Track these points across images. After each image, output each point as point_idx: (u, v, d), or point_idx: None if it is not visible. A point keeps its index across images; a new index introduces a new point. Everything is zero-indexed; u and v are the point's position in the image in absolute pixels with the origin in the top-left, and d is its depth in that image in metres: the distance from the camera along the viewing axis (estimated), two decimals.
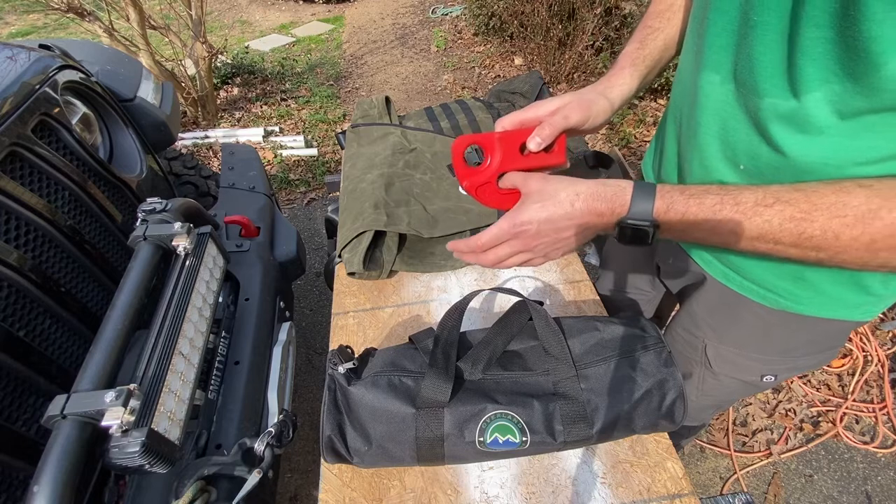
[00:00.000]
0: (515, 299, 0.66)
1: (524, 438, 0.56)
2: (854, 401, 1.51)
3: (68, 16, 2.40)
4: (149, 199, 0.85)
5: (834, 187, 0.40)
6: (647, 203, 0.45)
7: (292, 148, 2.83)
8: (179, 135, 2.35)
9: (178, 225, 0.82)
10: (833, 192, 0.39)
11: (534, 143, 0.53)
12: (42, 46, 1.14)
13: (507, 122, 0.55)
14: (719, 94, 0.51)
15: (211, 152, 2.76)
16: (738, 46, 0.47)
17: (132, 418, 0.59)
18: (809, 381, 1.58)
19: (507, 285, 0.84)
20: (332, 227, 1.06)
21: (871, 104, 0.38)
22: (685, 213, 0.45)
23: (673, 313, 0.80)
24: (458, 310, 0.63)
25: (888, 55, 0.34)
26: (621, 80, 0.61)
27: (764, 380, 0.69)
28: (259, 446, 0.72)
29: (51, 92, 0.98)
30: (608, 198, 0.47)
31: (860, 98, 0.38)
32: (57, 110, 0.97)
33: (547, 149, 0.54)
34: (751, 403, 1.53)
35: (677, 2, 0.63)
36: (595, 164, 1.00)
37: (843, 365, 1.59)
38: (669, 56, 0.65)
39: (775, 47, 0.43)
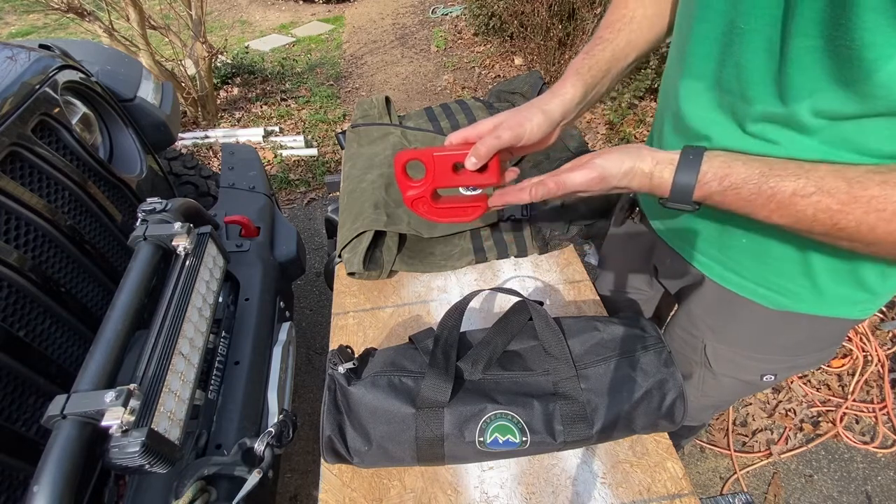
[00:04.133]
0: (515, 299, 0.66)
1: (524, 438, 0.56)
2: (854, 401, 1.51)
3: (68, 16, 2.40)
4: (149, 199, 0.85)
5: (880, 178, 0.38)
6: (685, 194, 0.48)
7: (292, 148, 2.83)
8: (179, 135, 2.35)
9: (178, 225, 0.82)
10: (878, 184, 0.38)
11: (470, 163, 0.52)
12: (42, 46, 1.14)
13: (454, 138, 0.55)
14: (703, 101, 0.51)
15: (211, 152, 2.76)
16: (722, 55, 0.48)
17: (132, 418, 0.59)
18: (809, 381, 1.58)
19: (507, 285, 0.84)
20: (332, 227, 1.06)
21: (862, 109, 0.39)
22: (722, 202, 0.47)
23: (672, 313, 0.80)
24: (458, 310, 0.63)
25: (881, 61, 0.35)
26: (563, 91, 0.59)
27: (763, 379, 0.69)
28: (259, 446, 0.72)
29: (51, 92, 0.98)
30: (652, 186, 0.51)
31: (851, 104, 0.39)
32: (57, 110, 0.97)
33: (481, 169, 0.54)
34: (751, 403, 1.53)
35: (628, 14, 0.62)
36: None
37: (843, 365, 1.59)
38: (621, 67, 0.63)
39: (764, 55, 0.43)
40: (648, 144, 0.72)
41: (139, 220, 0.83)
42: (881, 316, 1.68)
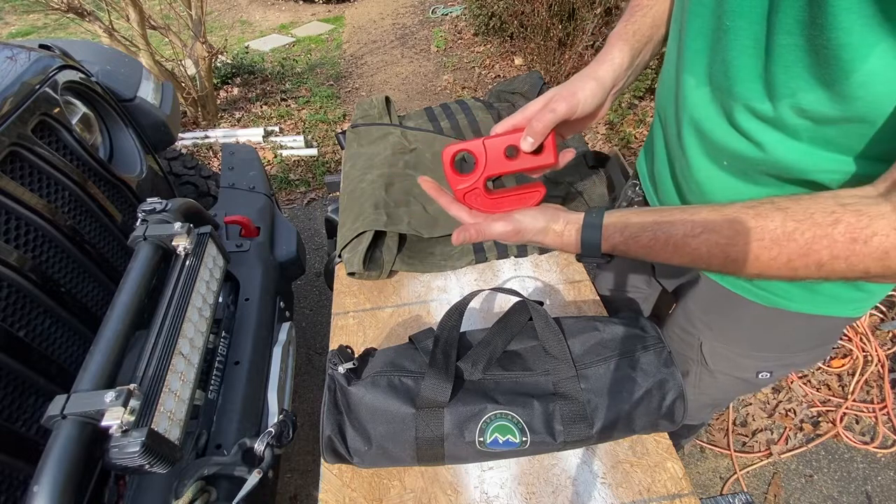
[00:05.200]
0: (515, 299, 0.66)
1: (524, 438, 0.56)
2: (854, 401, 1.51)
3: (68, 16, 2.40)
4: (149, 199, 0.85)
5: (754, 212, 0.42)
6: (594, 248, 0.52)
7: (292, 148, 2.83)
8: (179, 135, 2.35)
9: (178, 225, 0.82)
10: (753, 217, 0.42)
11: (527, 144, 0.52)
12: (42, 46, 1.14)
13: (499, 128, 0.55)
14: (696, 96, 0.51)
15: (211, 152, 2.76)
16: (712, 50, 0.48)
17: (132, 418, 0.59)
18: (809, 381, 1.58)
19: (507, 285, 0.84)
20: (332, 227, 1.06)
21: (843, 112, 0.39)
22: (626, 251, 0.51)
23: (670, 311, 0.80)
24: (458, 310, 0.63)
25: (857, 62, 0.35)
26: (610, 57, 0.58)
27: (759, 376, 0.69)
28: (259, 446, 0.72)
29: (51, 92, 0.98)
30: (563, 244, 0.55)
31: (832, 105, 0.39)
32: (57, 110, 0.97)
33: (536, 151, 0.53)
34: (751, 403, 1.53)
35: None
36: (595, 165, 1.00)
37: (843, 365, 1.59)
38: (661, 35, 0.63)
39: (750, 52, 0.43)
40: (648, 144, 0.72)
41: (139, 220, 0.83)
42: (881, 316, 1.67)
